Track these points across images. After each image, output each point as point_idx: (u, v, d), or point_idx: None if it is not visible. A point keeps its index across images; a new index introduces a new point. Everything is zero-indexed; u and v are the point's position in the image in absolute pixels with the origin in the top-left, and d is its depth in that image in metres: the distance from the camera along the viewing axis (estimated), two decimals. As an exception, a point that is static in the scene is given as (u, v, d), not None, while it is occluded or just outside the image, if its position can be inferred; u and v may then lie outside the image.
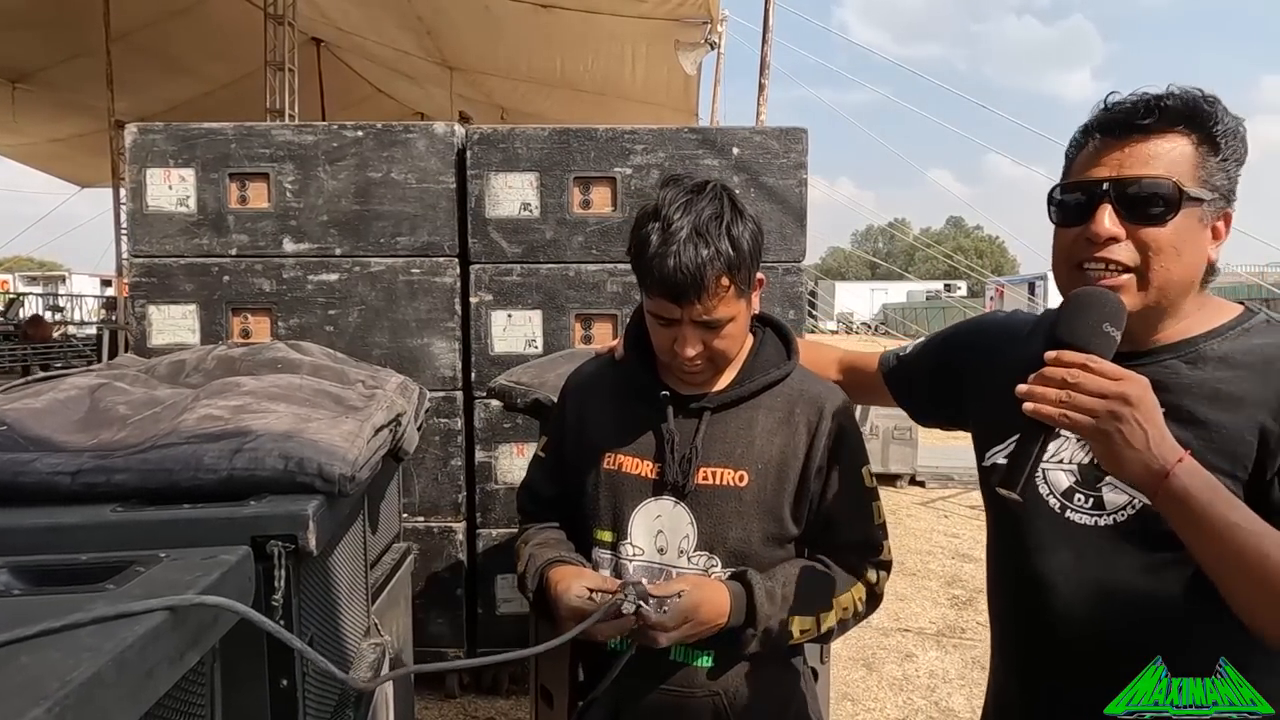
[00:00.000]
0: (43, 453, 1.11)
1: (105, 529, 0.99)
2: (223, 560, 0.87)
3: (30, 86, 12.77)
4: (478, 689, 3.63)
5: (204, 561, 0.86)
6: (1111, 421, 0.97)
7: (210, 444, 1.13)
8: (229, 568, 0.86)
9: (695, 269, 1.24)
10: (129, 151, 3.31)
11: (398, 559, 2.11)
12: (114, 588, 0.77)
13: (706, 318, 1.30)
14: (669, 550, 1.39)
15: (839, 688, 3.74)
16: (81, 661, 0.59)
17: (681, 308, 1.28)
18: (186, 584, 0.78)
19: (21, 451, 1.13)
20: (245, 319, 3.36)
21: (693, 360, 1.33)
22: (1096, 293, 1.08)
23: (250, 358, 1.90)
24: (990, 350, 1.36)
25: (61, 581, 0.81)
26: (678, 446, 1.38)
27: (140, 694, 0.66)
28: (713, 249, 1.25)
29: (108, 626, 0.66)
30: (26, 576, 0.83)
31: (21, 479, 1.05)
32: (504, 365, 3.29)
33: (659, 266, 1.26)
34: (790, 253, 3.36)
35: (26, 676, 0.57)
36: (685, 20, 9.53)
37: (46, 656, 0.60)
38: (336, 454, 1.16)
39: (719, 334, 1.32)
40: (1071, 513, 1.17)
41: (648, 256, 1.28)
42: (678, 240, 1.25)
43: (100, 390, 1.47)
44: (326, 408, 1.42)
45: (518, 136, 3.33)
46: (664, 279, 1.26)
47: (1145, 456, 0.97)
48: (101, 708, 0.59)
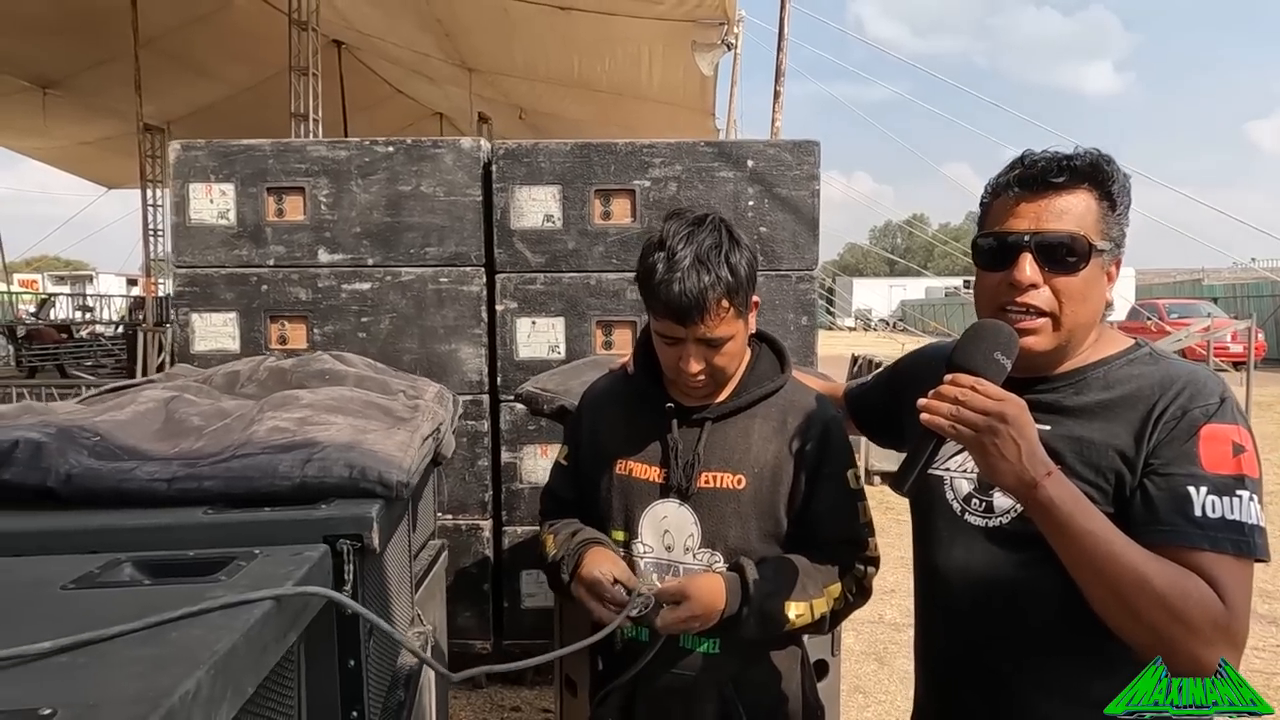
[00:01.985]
0: (141, 461, 1.27)
1: (199, 529, 1.14)
2: (308, 556, 1.02)
3: (60, 92, 13.06)
4: (503, 679, 3.79)
5: (293, 557, 1.01)
6: (989, 435, 1.13)
7: (283, 454, 1.28)
8: (314, 563, 1.01)
9: (698, 294, 1.39)
10: (173, 167, 3.49)
11: (434, 555, 2.26)
12: (225, 579, 0.92)
13: (709, 336, 1.44)
14: (675, 548, 1.54)
15: (851, 681, 3.86)
16: (220, 637, 0.74)
17: (686, 328, 1.43)
18: (283, 576, 0.93)
19: (120, 460, 1.28)
20: (282, 326, 3.53)
21: (696, 376, 1.47)
22: (992, 325, 1.25)
23: (300, 369, 2.05)
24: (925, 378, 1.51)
25: (177, 573, 0.96)
26: (681, 454, 1.53)
27: (258, 665, 0.81)
28: (713, 275, 1.40)
29: (232, 610, 0.81)
30: (146, 569, 0.98)
31: (125, 485, 1.21)
32: (528, 370, 3.45)
33: (665, 292, 1.40)
34: (803, 261, 3.49)
35: (181, 647, 0.72)
36: (702, 21, 9.62)
37: (190, 633, 0.75)
38: (393, 463, 1.31)
39: (719, 351, 1.47)
40: (968, 515, 1.35)
41: (654, 283, 1.42)
42: (681, 268, 1.40)
43: (173, 402, 1.63)
44: (378, 419, 1.57)
45: (541, 151, 3.48)
46: (669, 303, 1.41)
47: (1017, 468, 1.12)
48: (236, 674, 0.74)
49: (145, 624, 0.74)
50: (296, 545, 1.05)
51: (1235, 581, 1.11)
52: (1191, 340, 8.16)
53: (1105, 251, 1.23)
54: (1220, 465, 1.15)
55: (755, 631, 1.47)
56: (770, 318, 3.42)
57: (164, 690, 0.62)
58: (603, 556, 1.52)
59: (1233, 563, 1.12)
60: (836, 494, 1.53)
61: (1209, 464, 1.15)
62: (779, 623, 1.47)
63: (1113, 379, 1.26)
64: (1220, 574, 1.11)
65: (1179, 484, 1.16)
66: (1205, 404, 1.18)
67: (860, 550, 1.55)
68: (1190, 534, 1.13)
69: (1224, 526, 1.12)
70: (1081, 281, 1.23)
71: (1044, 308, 1.24)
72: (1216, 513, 1.13)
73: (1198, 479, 1.15)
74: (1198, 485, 1.14)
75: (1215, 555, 1.12)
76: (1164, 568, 1.12)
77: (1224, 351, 11.70)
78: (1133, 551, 1.12)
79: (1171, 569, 1.12)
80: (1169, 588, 1.10)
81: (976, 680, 1.36)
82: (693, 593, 1.42)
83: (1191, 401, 1.18)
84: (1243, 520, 1.12)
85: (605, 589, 1.43)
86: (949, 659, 1.43)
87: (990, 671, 1.33)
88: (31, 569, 0.96)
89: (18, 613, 0.82)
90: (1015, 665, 1.30)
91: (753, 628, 1.46)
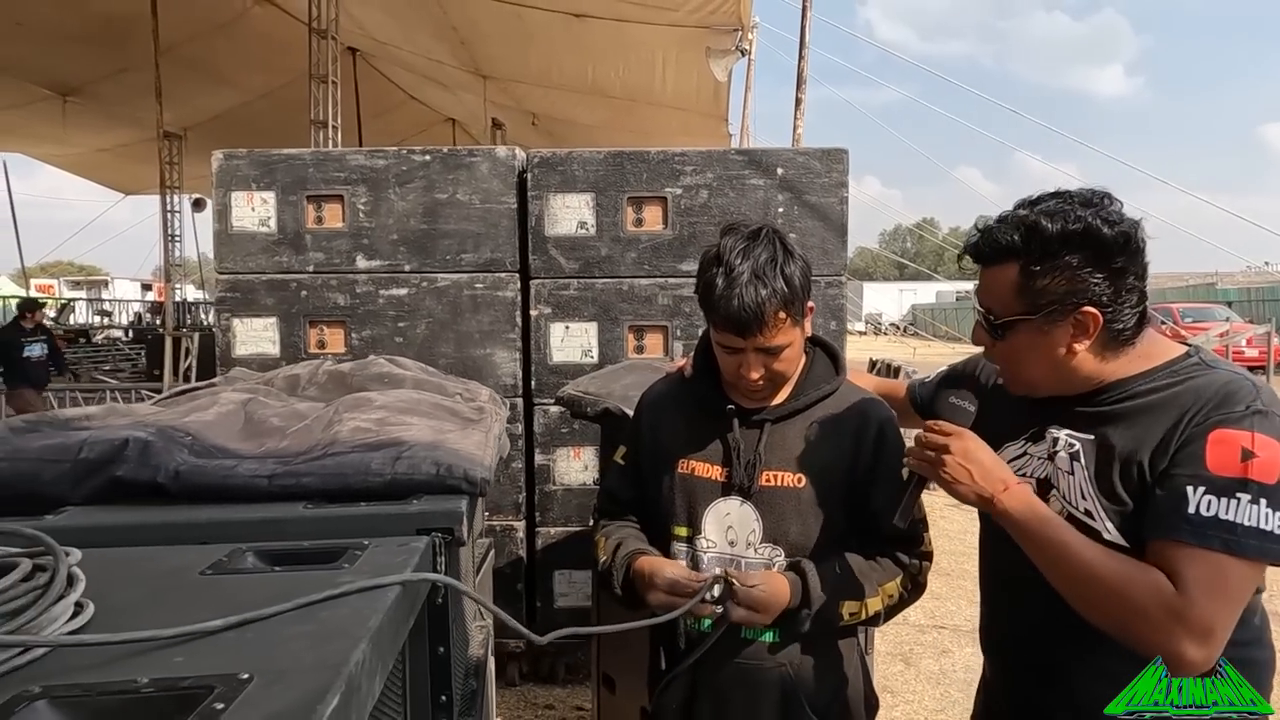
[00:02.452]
0: (240, 459, 1.34)
1: (302, 522, 1.21)
2: (414, 547, 1.09)
3: (80, 100, 13.22)
4: (535, 678, 3.85)
5: (400, 548, 1.08)
6: (941, 466, 1.34)
7: (373, 453, 1.35)
8: (419, 553, 1.08)
9: (756, 307, 1.46)
10: (215, 176, 3.58)
11: (484, 551, 2.33)
12: (348, 565, 0.99)
13: (767, 345, 1.51)
14: (738, 543, 1.61)
15: (879, 680, 3.90)
16: (368, 616, 0.81)
17: (745, 340, 1.50)
18: (400, 564, 1.01)
19: (217, 458, 1.36)
20: (321, 331, 3.61)
21: (755, 382, 1.55)
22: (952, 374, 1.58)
23: (358, 373, 2.13)
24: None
25: (298, 562, 1.03)
26: (744, 453, 1.60)
27: (393, 642, 0.88)
28: (770, 288, 1.47)
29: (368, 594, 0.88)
30: (267, 558, 1.05)
31: (230, 481, 1.28)
32: (562, 374, 3.52)
33: (724, 306, 1.47)
34: (832, 266, 3.56)
35: (337, 624, 0.79)
36: (716, 28, 9.70)
37: (339, 612, 0.82)
38: (475, 460, 1.38)
39: (778, 358, 1.54)
40: None
41: (715, 298, 1.49)
42: (740, 283, 1.46)
43: (250, 404, 1.71)
44: (449, 420, 1.65)
45: (575, 159, 3.55)
46: (729, 317, 1.48)
47: (974, 487, 1.32)
48: (380, 648, 0.81)
49: (298, 603, 0.81)
50: (401, 537, 1.12)
51: (1206, 574, 1.17)
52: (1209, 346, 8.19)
53: (1036, 315, 1.31)
54: (1224, 468, 1.19)
55: (810, 628, 1.54)
56: (800, 322, 3.47)
57: (341, 658, 0.69)
58: (660, 561, 1.59)
59: (1215, 557, 1.17)
60: (893, 491, 1.60)
61: (1213, 465, 1.20)
62: (833, 621, 1.55)
63: (1153, 389, 1.31)
64: (1187, 566, 1.18)
65: (1180, 483, 1.22)
66: (1227, 411, 1.23)
67: (915, 545, 1.62)
68: (1179, 528, 1.20)
69: (1214, 525, 1.18)
70: (1008, 347, 1.37)
71: (997, 363, 1.44)
72: (1210, 511, 1.18)
73: (1198, 479, 1.20)
74: (1196, 485, 1.20)
75: (1197, 550, 1.18)
76: (1118, 563, 1.23)
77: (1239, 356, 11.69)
78: (1088, 550, 1.25)
79: (1127, 564, 1.23)
80: (1118, 578, 1.21)
81: (1034, 665, 1.45)
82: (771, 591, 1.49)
83: (1216, 410, 1.23)
84: (1237, 521, 1.17)
85: (687, 585, 1.49)
86: (1008, 644, 1.53)
87: (1046, 657, 1.41)
88: (166, 558, 1.03)
89: (172, 596, 0.89)
90: (1067, 653, 1.37)
91: (808, 625, 1.53)
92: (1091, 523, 1.31)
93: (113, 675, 0.68)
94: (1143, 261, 1.30)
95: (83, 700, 0.64)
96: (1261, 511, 1.17)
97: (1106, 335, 1.31)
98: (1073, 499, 1.34)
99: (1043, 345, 1.33)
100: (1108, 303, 1.28)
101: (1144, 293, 1.32)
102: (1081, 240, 1.26)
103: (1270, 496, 1.17)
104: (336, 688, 0.64)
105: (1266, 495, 1.17)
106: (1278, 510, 1.17)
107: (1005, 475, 1.33)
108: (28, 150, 17.18)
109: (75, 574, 0.80)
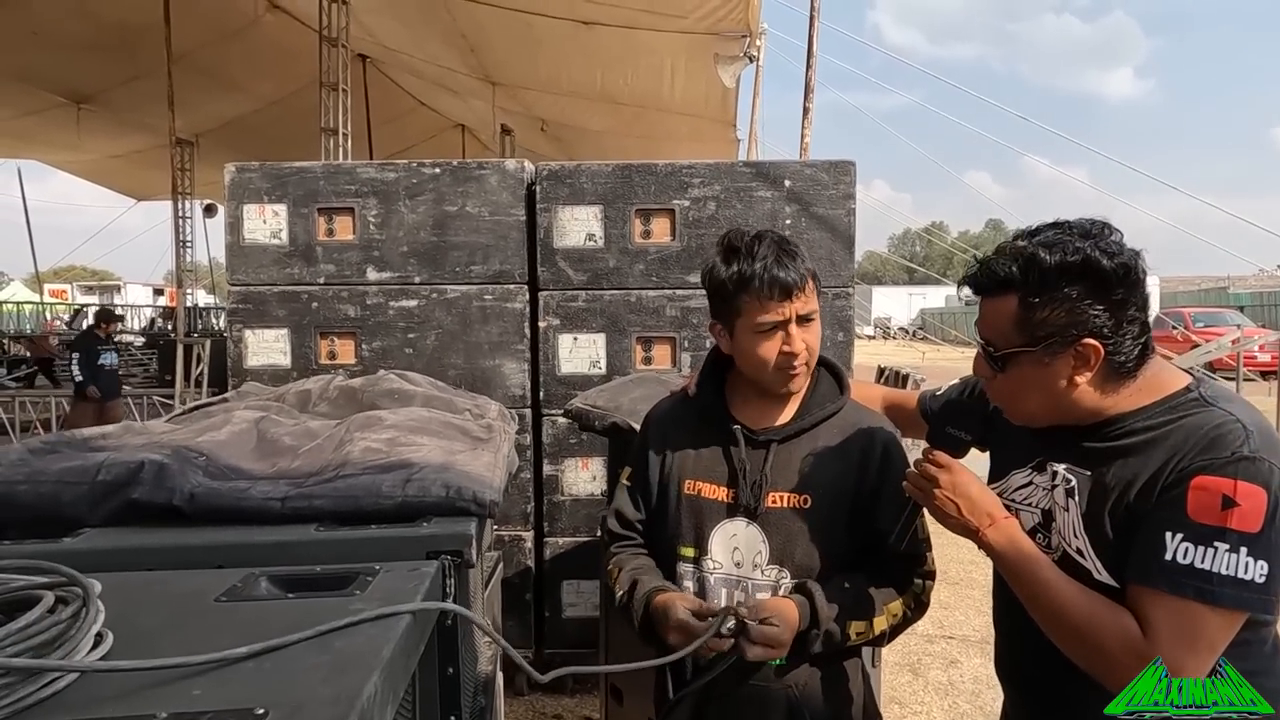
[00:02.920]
0: (253, 481, 1.37)
1: (314, 545, 1.23)
2: (425, 572, 1.11)
3: (93, 107, 13.33)
4: (544, 688, 3.86)
5: (411, 573, 1.10)
6: (931, 497, 1.39)
7: (384, 474, 1.37)
8: (431, 577, 1.10)
9: (792, 268, 1.52)
10: (227, 189, 3.61)
11: (492, 564, 2.35)
12: (360, 592, 1.01)
13: (804, 311, 1.55)
14: (744, 564, 1.62)
15: (887, 691, 3.92)
16: (380, 645, 0.83)
17: (790, 304, 1.53)
18: (411, 591, 1.03)
19: (230, 479, 1.38)
20: (332, 342, 3.65)
21: (800, 355, 1.56)
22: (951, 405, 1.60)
23: (369, 388, 2.16)
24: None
25: (311, 588, 1.05)
26: (749, 474, 1.61)
27: (404, 670, 0.90)
28: (796, 258, 1.54)
29: (380, 623, 0.90)
30: (280, 583, 1.07)
31: (243, 503, 1.30)
32: (570, 385, 3.54)
33: (764, 276, 1.51)
34: (839, 278, 3.57)
35: (350, 654, 0.81)
36: (724, 34, 9.72)
37: (352, 642, 0.84)
38: (484, 482, 1.40)
39: (810, 330, 1.57)
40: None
41: (749, 275, 1.53)
42: (769, 257, 1.52)
43: (263, 422, 1.73)
44: (459, 440, 1.67)
45: (583, 172, 3.58)
46: (772, 282, 1.51)
47: (961, 520, 1.37)
48: (392, 675, 0.83)
49: (316, 632, 0.83)
50: (412, 561, 1.14)
51: (1175, 621, 1.19)
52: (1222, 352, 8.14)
53: (1037, 348, 1.31)
54: (1205, 515, 1.19)
55: (819, 649, 1.54)
56: (807, 334, 3.49)
57: (354, 691, 0.71)
58: (676, 598, 1.57)
59: (1187, 605, 1.18)
60: (897, 512, 1.61)
61: (1193, 512, 1.20)
62: (841, 641, 1.55)
63: (1150, 425, 1.31)
64: (1157, 612, 1.20)
65: (1159, 529, 1.22)
66: (1212, 457, 1.21)
67: (919, 565, 1.63)
68: (1153, 576, 1.21)
69: (1189, 573, 1.18)
70: (1006, 379, 1.37)
71: (997, 396, 1.44)
72: (1186, 559, 1.19)
73: (1178, 525, 1.21)
74: (1175, 531, 1.21)
75: (1169, 597, 1.19)
76: (1090, 603, 1.26)
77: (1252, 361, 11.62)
78: (1063, 588, 1.28)
79: (1099, 604, 1.25)
80: (1085, 618, 1.25)
81: (1046, 697, 1.45)
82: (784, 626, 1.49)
83: (1202, 455, 1.23)
84: (1213, 570, 1.17)
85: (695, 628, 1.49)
86: (1019, 676, 1.55)
87: (1057, 690, 1.41)
88: (181, 582, 1.05)
89: (189, 622, 0.92)
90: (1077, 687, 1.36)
91: (818, 646, 1.53)
92: (1083, 561, 1.32)
93: (133, 709, 0.70)
94: (1143, 293, 1.30)
95: (104, 733, 0.67)
96: (1241, 560, 1.17)
97: (1108, 367, 1.31)
98: (1067, 536, 1.36)
99: (1043, 377, 1.33)
100: (1109, 334, 1.28)
101: (1146, 324, 1.32)
102: (1081, 272, 1.27)
103: (1252, 545, 1.17)
104: (350, 721, 0.66)
105: (1248, 544, 1.17)
106: (1259, 559, 1.17)
107: (993, 509, 1.36)
108: (42, 157, 17.33)
109: (98, 605, 0.82)
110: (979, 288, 1.37)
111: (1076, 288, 1.27)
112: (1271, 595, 1.19)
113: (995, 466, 1.55)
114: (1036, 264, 1.29)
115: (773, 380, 1.61)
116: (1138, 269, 1.28)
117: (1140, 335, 1.31)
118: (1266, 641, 1.33)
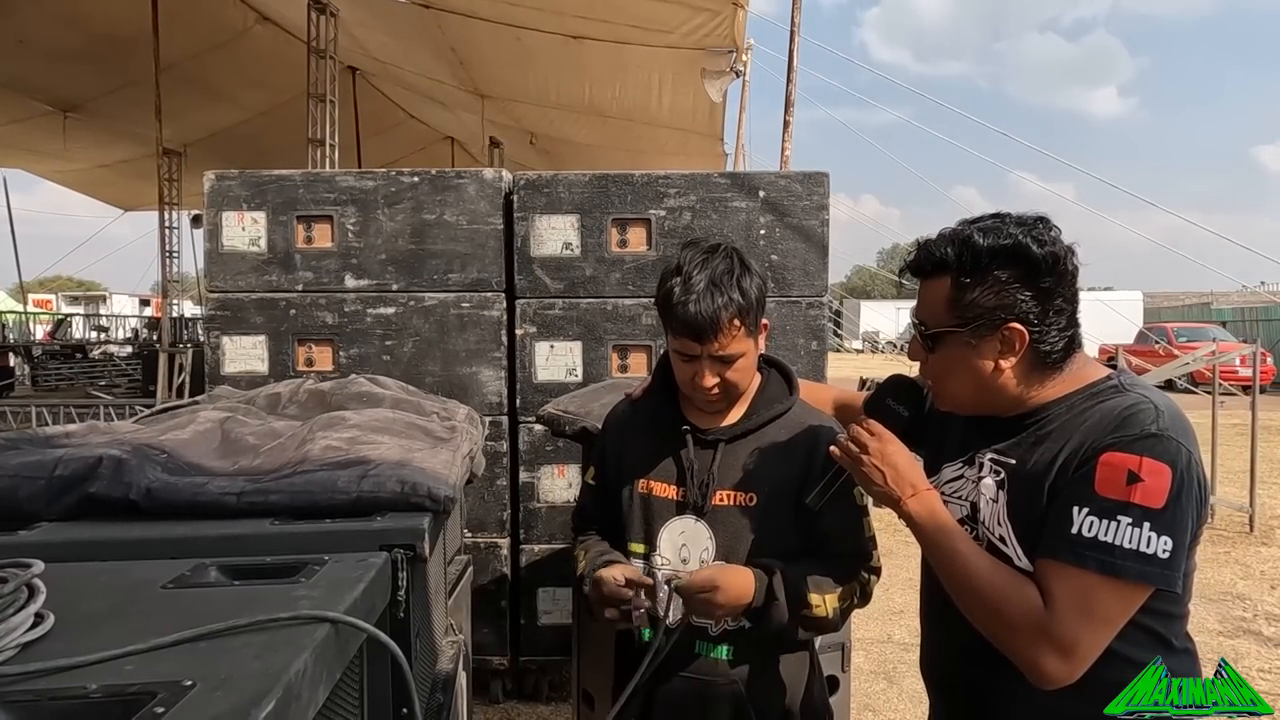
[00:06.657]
0: (210, 477, 1.38)
1: (268, 538, 1.25)
2: (371, 563, 1.13)
3: (80, 116, 13.31)
4: (519, 695, 3.87)
5: (359, 564, 1.13)
6: (859, 464, 1.42)
7: (341, 470, 1.39)
8: (378, 568, 1.12)
9: (712, 313, 1.52)
10: (207, 196, 3.64)
11: (461, 569, 2.36)
12: (305, 580, 1.03)
13: (722, 353, 1.57)
14: (691, 560, 1.65)
15: (860, 699, 3.94)
16: (317, 629, 0.85)
17: (701, 345, 1.56)
18: (354, 580, 1.05)
19: (191, 476, 1.40)
20: (309, 349, 3.66)
21: (710, 390, 1.60)
22: (895, 379, 1.57)
23: (338, 391, 2.17)
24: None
25: (258, 576, 1.07)
26: (697, 473, 1.65)
27: (340, 654, 0.92)
28: (726, 297, 1.54)
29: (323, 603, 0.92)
30: (229, 572, 1.10)
31: (200, 498, 1.32)
32: (547, 392, 3.56)
33: (682, 312, 1.54)
34: (813, 287, 3.61)
35: (286, 636, 0.83)
36: (711, 50, 9.81)
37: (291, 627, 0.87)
38: (440, 478, 1.42)
39: (732, 367, 1.60)
40: None
41: (672, 304, 1.56)
42: (697, 290, 1.53)
43: (228, 423, 1.75)
44: (420, 439, 1.69)
45: (560, 182, 3.62)
46: (686, 321, 1.54)
47: (884, 489, 1.40)
48: (325, 659, 0.85)
49: (254, 621, 0.85)
50: (361, 553, 1.16)
51: (1077, 593, 1.22)
52: (1198, 365, 8.24)
53: (965, 328, 1.35)
54: (1110, 490, 1.23)
55: (781, 616, 1.55)
56: (781, 343, 3.53)
57: (282, 667, 0.73)
58: (618, 569, 1.62)
59: (1089, 577, 1.22)
60: (843, 510, 1.64)
61: (1100, 488, 1.24)
62: (801, 609, 1.56)
63: (1069, 413, 1.35)
64: (1059, 585, 1.23)
65: (1067, 504, 1.26)
66: (1122, 434, 1.25)
67: (865, 561, 1.66)
68: (1058, 549, 1.25)
69: (1092, 546, 1.22)
70: (938, 359, 1.41)
71: (928, 377, 1.47)
72: (1091, 533, 1.22)
73: (1084, 500, 1.24)
74: (1081, 505, 1.24)
75: (1071, 569, 1.23)
76: (1000, 576, 1.29)
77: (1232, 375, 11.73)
78: (976, 561, 1.31)
79: (1008, 577, 1.29)
80: (994, 590, 1.28)
81: (963, 688, 1.48)
82: (722, 582, 1.52)
83: (1112, 433, 1.26)
84: (1115, 543, 1.20)
85: (607, 584, 1.55)
86: (942, 668, 1.57)
87: (972, 681, 1.45)
88: (132, 572, 1.07)
89: (134, 608, 0.94)
90: (992, 676, 1.38)
91: (781, 611, 1.55)
92: (1004, 549, 1.35)
93: (66, 682, 0.73)
94: (1073, 286, 1.34)
95: (35, 705, 0.69)
96: (1144, 535, 1.20)
97: (1033, 356, 1.34)
98: (991, 525, 1.38)
99: (970, 359, 1.36)
100: (1035, 321, 1.31)
101: (1074, 317, 1.36)
102: (1011, 256, 1.31)
103: (1155, 520, 1.20)
104: (274, 694, 0.69)
105: (1150, 519, 1.20)
106: (1162, 534, 1.20)
107: (916, 481, 1.40)
108: (28, 166, 17.26)
109: (36, 585, 0.84)
110: (917, 270, 1.42)
111: (1006, 271, 1.31)
112: (1174, 570, 1.21)
113: (929, 460, 1.58)
114: (970, 246, 1.33)
115: (693, 398, 1.66)
116: (1067, 261, 1.32)
117: (1067, 328, 1.34)
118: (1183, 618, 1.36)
